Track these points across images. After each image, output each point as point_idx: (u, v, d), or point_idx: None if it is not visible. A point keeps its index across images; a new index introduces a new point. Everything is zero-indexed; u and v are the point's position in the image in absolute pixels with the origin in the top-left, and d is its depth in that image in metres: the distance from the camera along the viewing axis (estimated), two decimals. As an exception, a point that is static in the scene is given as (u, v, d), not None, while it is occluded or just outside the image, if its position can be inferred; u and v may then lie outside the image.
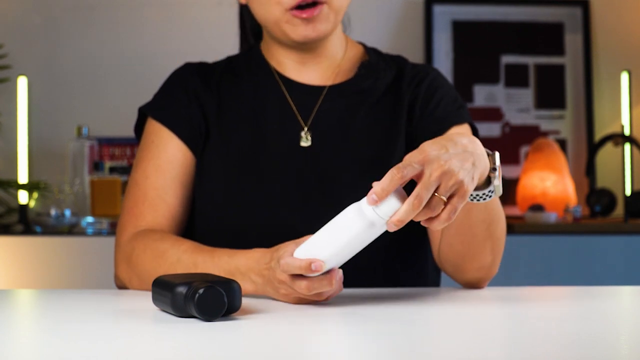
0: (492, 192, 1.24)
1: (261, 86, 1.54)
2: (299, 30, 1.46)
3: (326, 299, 1.22)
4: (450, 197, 1.15)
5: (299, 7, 1.44)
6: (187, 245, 1.38)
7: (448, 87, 1.55)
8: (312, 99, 1.52)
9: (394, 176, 1.12)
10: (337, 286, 1.20)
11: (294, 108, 1.52)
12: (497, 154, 1.24)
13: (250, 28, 1.62)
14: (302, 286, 1.19)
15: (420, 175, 1.14)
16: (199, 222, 1.50)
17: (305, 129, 1.50)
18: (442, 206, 1.14)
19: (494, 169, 1.23)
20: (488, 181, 1.24)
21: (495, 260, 1.40)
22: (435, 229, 1.19)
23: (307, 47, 1.52)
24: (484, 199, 1.24)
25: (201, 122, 1.52)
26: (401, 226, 1.14)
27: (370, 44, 1.62)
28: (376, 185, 1.13)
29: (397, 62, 1.57)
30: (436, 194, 1.14)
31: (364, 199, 1.15)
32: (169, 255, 1.37)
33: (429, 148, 1.15)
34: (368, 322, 1.10)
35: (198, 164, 1.51)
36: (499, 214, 1.36)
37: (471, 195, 1.23)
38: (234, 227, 1.45)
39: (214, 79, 1.55)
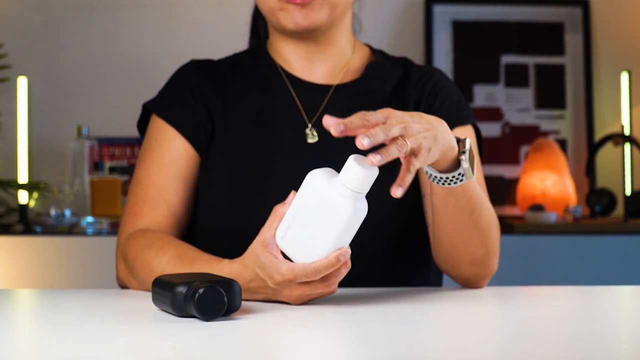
0: (462, 174, 1.25)
1: (267, 83, 1.54)
2: (291, 17, 1.46)
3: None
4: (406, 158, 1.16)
5: None
6: (170, 254, 1.35)
7: (452, 89, 1.56)
8: (318, 97, 1.52)
9: (356, 116, 1.14)
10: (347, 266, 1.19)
11: (300, 106, 1.52)
12: (467, 139, 1.25)
13: (262, 25, 1.63)
14: (320, 287, 1.18)
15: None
16: (203, 220, 1.49)
17: (310, 125, 1.50)
18: (400, 150, 1.14)
19: (463, 152, 1.24)
20: (459, 165, 1.25)
21: (490, 254, 1.39)
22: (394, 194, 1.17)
23: (308, 39, 1.51)
24: (455, 183, 1.26)
25: (206, 119, 1.51)
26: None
27: (370, 43, 1.63)
28: (341, 120, 1.14)
29: (402, 64, 1.58)
30: (400, 138, 1.14)
31: (339, 185, 1.13)
32: (154, 267, 1.36)
33: (394, 109, 1.17)
34: (368, 322, 1.10)
35: (202, 161, 1.50)
36: (481, 202, 1.35)
37: (442, 177, 1.25)
38: (238, 226, 1.45)
39: (220, 76, 1.55)
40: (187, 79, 1.54)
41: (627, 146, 2.90)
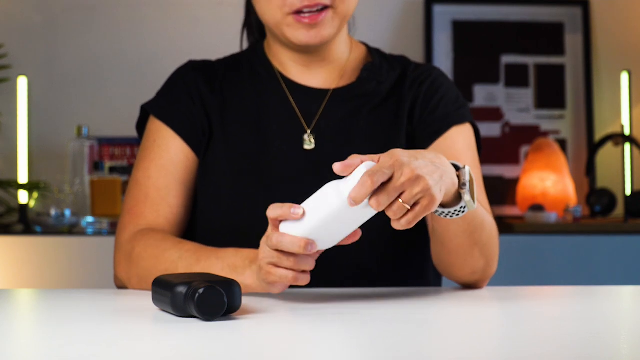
0: (464, 207, 1.24)
1: (264, 87, 1.54)
2: (300, 36, 1.45)
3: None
4: (414, 205, 1.15)
5: (301, 12, 1.44)
6: (189, 245, 1.38)
7: (450, 87, 1.55)
8: (315, 102, 1.52)
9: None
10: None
11: (297, 111, 1.51)
12: (466, 168, 1.23)
13: (256, 24, 1.61)
14: (290, 261, 1.18)
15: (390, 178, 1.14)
16: (202, 221, 1.50)
17: (309, 132, 1.50)
18: (404, 212, 1.14)
19: (464, 185, 1.23)
20: (460, 197, 1.24)
21: (490, 262, 1.40)
22: (396, 228, 1.17)
23: (309, 51, 1.51)
24: (458, 215, 1.24)
25: (204, 121, 1.51)
26: (357, 203, 1.12)
27: (370, 43, 1.62)
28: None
29: (400, 62, 1.57)
30: (400, 200, 1.14)
31: (345, 179, 1.15)
32: (168, 255, 1.36)
33: (400, 153, 1.15)
34: (368, 322, 1.10)
35: (201, 163, 1.50)
36: (482, 220, 1.34)
37: (444, 212, 1.24)
38: (237, 228, 1.45)
39: (217, 78, 1.54)
40: (184, 80, 1.54)
41: (627, 146, 2.90)
